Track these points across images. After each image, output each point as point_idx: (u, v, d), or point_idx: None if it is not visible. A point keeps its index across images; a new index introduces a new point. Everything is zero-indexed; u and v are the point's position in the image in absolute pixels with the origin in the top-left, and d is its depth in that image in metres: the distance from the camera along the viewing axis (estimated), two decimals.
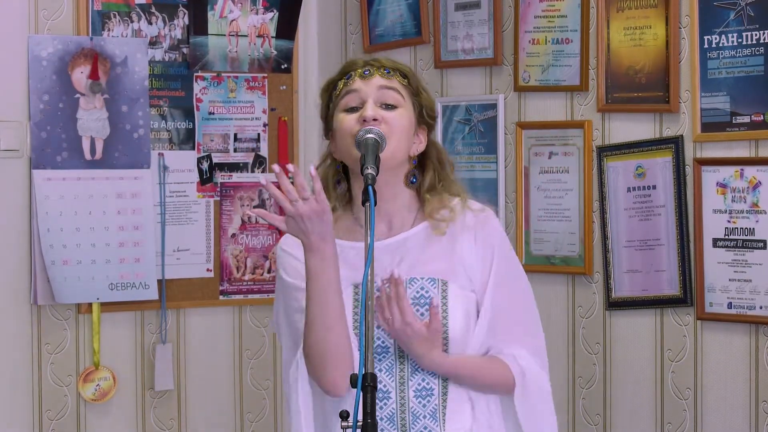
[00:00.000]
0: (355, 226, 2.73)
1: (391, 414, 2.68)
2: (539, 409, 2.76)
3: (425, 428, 2.69)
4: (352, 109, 2.69)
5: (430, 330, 2.62)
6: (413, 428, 2.67)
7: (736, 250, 3.84)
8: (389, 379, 2.69)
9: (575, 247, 4.26)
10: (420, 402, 2.69)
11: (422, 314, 2.67)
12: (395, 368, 2.69)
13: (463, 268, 2.72)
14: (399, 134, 2.67)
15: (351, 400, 2.54)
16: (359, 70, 2.71)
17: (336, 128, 2.71)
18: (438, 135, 4.57)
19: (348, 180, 2.77)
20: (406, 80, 2.73)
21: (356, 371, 2.56)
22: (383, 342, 2.68)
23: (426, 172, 2.76)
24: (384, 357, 2.69)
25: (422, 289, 2.68)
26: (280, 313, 2.79)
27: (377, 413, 2.58)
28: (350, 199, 2.77)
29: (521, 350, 2.72)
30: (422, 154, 2.77)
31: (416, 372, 2.69)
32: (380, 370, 2.68)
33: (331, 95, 2.75)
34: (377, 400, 2.60)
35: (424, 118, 2.75)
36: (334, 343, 2.61)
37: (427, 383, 2.69)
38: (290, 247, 2.73)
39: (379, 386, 2.66)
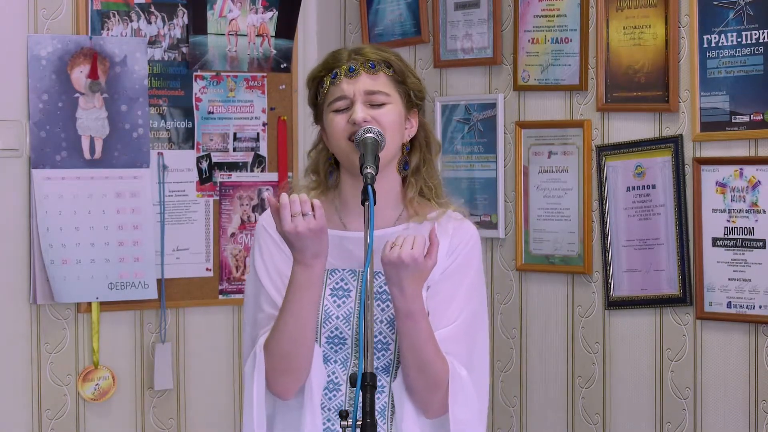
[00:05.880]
0: (332, 213, 2.75)
1: (339, 406, 2.69)
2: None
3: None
4: (341, 110, 2.71)
5: (429, 263, 2.60)
6: (360, 422, 2.67)
7: (736, 250, 3.84)
8: (342, 372, 2.70)
9: (575, 247, 4.26)
10: None
11: (383, 309, 2.68)
12: (350, 362, 2.70)
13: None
14: (391, 131, 2.69)
15: (294, 402, 2.65)
16: (344, 68, 2.72)
17: (327, 128, 2.74)
18: (437, 134, 4.57)
19: (338, 169, 2.79)
20: (391, 70, 2.74)
21: (310, 379, 2.64)
22: (341, 332, 2.69)
23: (413, 154, 2.78)
24: (341, 349, 2.70)
25: (385, 284, 2.68)
26: (249, 298, 2.79)
27: (327, 404, 2.67)
28: (336, 186, 2.79)
29: (455, 360, 2.68)
30: (412, 139, 2.79)
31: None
32: (335, 362, 2.70)
33: (317, 89, 2.76)
34: (328, 391, 2.67)
35: (413, 101, 2.76)
36: (300, 357, 2.65)
37: (379, 380, 2.69)
38: (272, 224, 2.73)
39: (332, 377, 2.69)
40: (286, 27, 4.84)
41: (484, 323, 2.78)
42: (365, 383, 2.39)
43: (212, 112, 4.74)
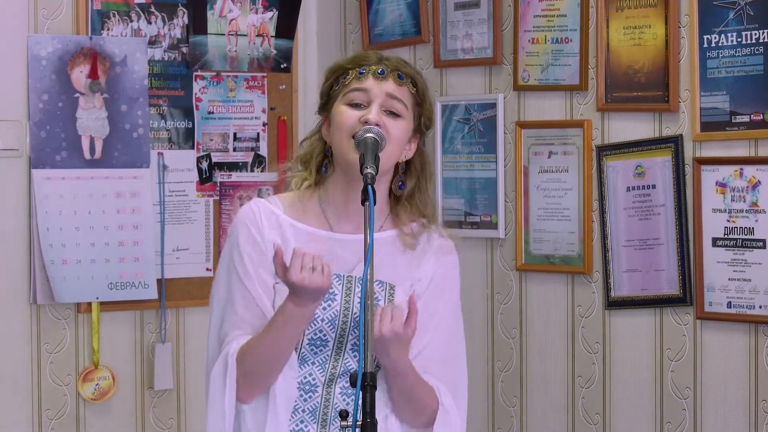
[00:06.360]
0: (318, 212, 2.74)
1: (314, 407, 2.70)
2: None
3: None
4: (355, 105, 2.70)
5: (409, 331, 2.62)
6: (333, 424, 2.69)
7: (736, 250, 3.84)
8: (320, 373, 2.71)
9: (575, 247, 4.26)
10: (344, 400, 2.71)
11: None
12: (328, 364, 2.71)
13: (411, 281, 2.73)
14: (395, 144, 2.68)
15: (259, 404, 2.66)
16: (373, 68, 2.71)
17: (334, 118, 2.72)
18: (437, 134, 4.58)
19: (331, 164, 2.78)
20: (415, 89, 2.74)
21: (276, 385, 2.65)
22: (324, 335, 2.69)
23: (408, 179, 2.77)
24: (321, 350, 2.71)
25: None
26: (220, 294, 2.78)
27: (301, 406, 2.69)
28: (323, 183, 2.78)
29: (439, 383, 2.73)
30: (407, 160, 2.78)
31: (347, 372, 2.70)
32: (313, 363, 2.71)
33: (338, 78, 2.74)
34: (303, 393, 2.69)
35: (421, 126, 2.76)
36: (271, 376, 2.67)
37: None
38: (255, 223, 2.73)
39: (308, 379, 2.70)
40: (286, 27, 4.84)
41: (463, 341, 2.81)
42: (365, 383, 2.39)
43: (212, 112, 4.74)
